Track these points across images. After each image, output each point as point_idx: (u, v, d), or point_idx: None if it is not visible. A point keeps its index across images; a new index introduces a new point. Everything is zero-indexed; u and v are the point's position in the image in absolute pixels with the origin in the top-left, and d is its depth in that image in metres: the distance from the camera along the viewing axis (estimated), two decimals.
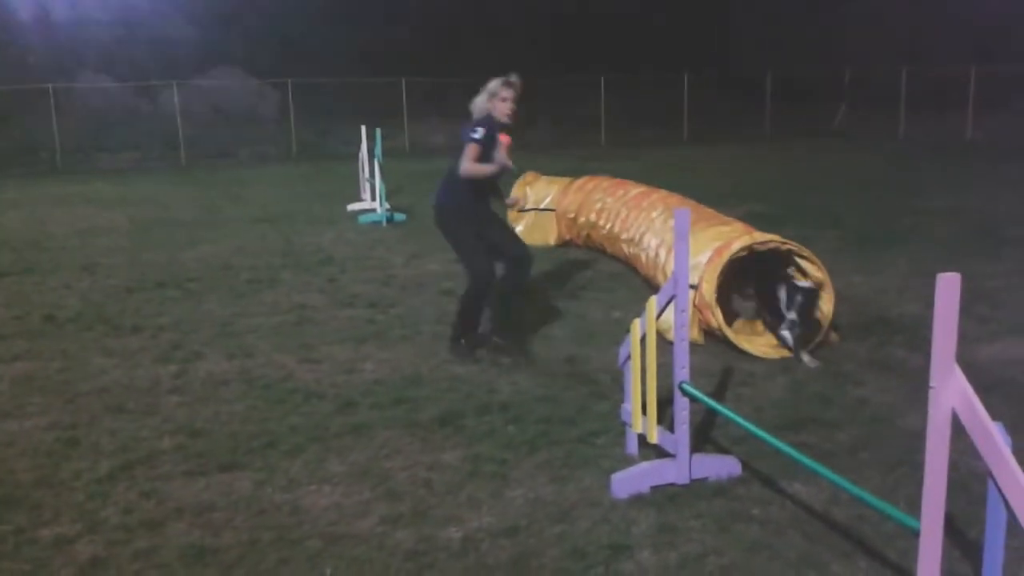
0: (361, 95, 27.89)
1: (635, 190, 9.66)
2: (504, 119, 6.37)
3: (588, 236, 10.20)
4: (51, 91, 25.62)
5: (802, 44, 35.92)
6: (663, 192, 9.44)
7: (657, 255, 7.95)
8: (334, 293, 8.79)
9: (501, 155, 6.36)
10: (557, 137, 28.67)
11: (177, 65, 29.77)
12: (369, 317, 7.85)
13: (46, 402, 5.85)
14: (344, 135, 25.59)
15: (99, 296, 8.85)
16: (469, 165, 6.22)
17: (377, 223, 13.18)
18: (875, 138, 27.16)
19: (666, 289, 4.41)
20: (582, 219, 10.19)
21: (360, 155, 15.35)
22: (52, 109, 25.35)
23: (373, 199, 14.15)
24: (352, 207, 14.59)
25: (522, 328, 7.23)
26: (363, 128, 15.06)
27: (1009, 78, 26.66)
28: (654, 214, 8.57)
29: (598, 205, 9.89)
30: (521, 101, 6.43)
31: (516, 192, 11.30)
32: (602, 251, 9.94)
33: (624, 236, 8.99)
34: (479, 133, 6.21)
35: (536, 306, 8.04)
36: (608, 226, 9.45)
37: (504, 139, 6.40)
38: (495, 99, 6.35)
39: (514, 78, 6.37)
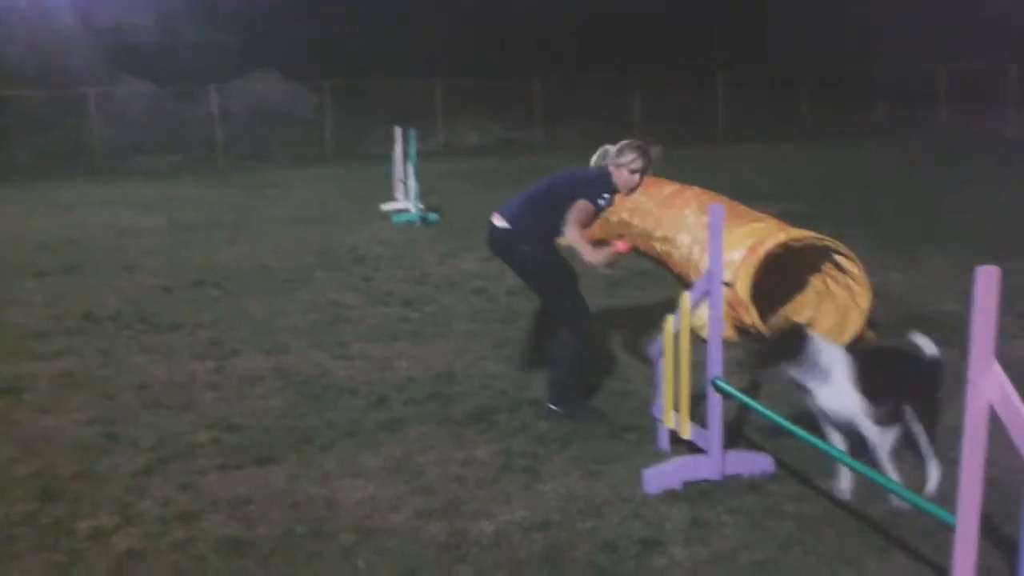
0: (396, 96, 27.98)
1: (669, 188, 9.60)
2: (624, 191, 5.38)
3: (621, 235, 10.15)
4: (91, 95, 25.96)
5: (839, 42, 35.59)
6: (697, 190, 9.37)
7: (690, 252, 7.91)
8: (368, 291, 8.84)
9: (609, 253, 5.26)
10: (591, 136, 28.60)
11: (215, 69, 30.04)
12: (403, 315, 7.89)
13: (85, 398, 5.94)
14: (378, 136, 25.71)
15: (138, 295, 8.97)
16: (575, 233, 5.14)
17: (411, 223, 13.23)
18: (913, 135, 26.82)
19: (699, 285, 4.40)
20: (615, 218, 10.14)
21: (394, 156, 15.40)
22: (92, 112, 25.68)
23: (407, 199, 14.20)
24: (386, 207, 14.64)
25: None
26: (397, 129, 15.11)
27: None
28: (687, 211, 8.52)
29: (631, 204, 9.84)
30: (650, 171, 5.42)
31: None
32: (635, 249, 9.89)
33: (657, 234, 8.94)
34: (606, 200, 5.31)
35: None
36: (641, 224, 9.40)
37: (623, 247, 5.38)
38: (623, 168, 5.29)
39: (656, 149, 5.42)
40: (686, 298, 4.45)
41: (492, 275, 9.28)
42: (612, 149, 5.40)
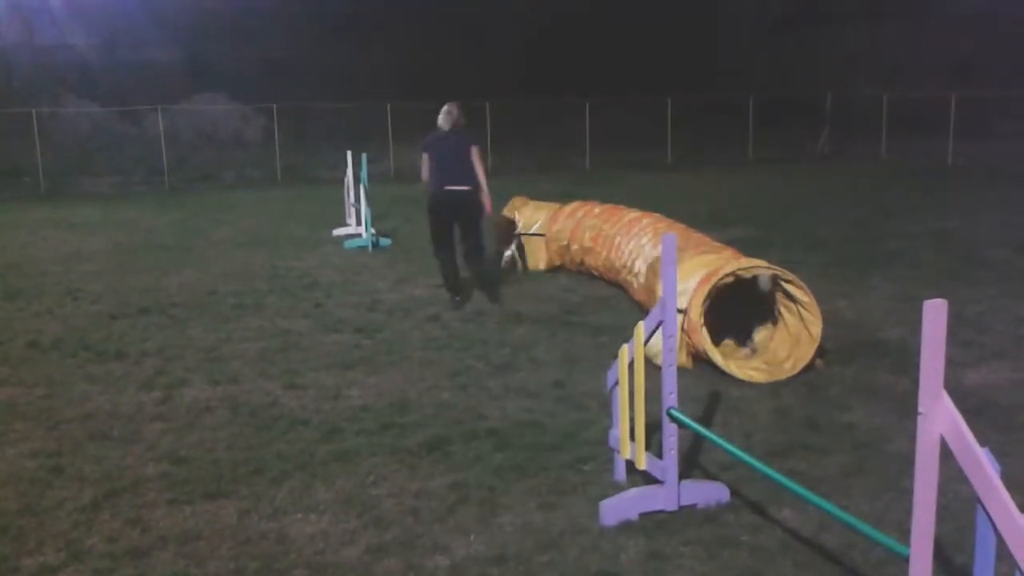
0: (346, 120, 27.93)
1: (628, 216, 9.66)
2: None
3: (582, 262, 10.17)
4: (35, 115, 25.52)
5: (784, 68, 36.26)
6: (655, 217, 9.44)
7: (647, 280, 7.96)
8: (320, 318, 8.75)
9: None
10: (540, 161, 28.77)
11: (162, 89, 29.74)
12: (355, 342, 7.82)
13: (29, 429, 5.79)
14: (329, 159, 25.61)
15: (83, 322, 8.79)
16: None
17: (362, 248, 13.15)
18: (857, 162, 27.34)
19: (654, 314, 4.41)
20: (575, 246, 10.16)
21: (345, 180, 15.33)
22: (36, 133, 25.23)
23: (358, 224, 14.12)
24: (337, 232, 14.56)
25: (510, 351, 7.24)
26: (349, 153, 15.05)
27: (989, 103, 26.88)
28: (644, 240, 8.59)
29: (592, 232, 9.88)
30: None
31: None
32: (597, 276, 9.90)
33: (618, 263, 9.01)
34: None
35: (524, 330, 8.03)
36: (604, 252, 9.45)
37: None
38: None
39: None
40: (640, 327, 4.46)
41: (445, 301, 9.24)
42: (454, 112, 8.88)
